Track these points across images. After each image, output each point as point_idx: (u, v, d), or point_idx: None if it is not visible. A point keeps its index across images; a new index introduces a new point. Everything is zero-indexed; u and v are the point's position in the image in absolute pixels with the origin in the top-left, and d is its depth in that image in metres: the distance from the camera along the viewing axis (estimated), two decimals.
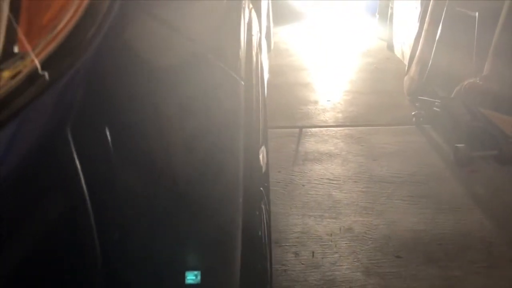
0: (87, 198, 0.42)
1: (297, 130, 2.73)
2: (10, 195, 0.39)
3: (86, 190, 0.41)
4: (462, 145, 2.18)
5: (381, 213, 1.85)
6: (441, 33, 2.91)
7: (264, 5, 2.90)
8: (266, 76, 2.38)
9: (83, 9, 0.40)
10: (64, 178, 0.42)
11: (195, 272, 0.55)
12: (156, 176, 0.51)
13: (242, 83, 0.76)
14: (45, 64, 0.40)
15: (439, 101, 2.57)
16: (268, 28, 4.05)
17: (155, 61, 0.50)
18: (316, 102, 3.22)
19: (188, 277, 0.55)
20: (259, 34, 1.21)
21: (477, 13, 2.69)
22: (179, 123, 0.54)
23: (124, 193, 0.47)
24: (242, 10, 0.93)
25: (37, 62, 0.39)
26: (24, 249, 0.41)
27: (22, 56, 0.38)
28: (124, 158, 0.47)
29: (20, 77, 0.38)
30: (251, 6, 1.20)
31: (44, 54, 0.39)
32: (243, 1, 0.98)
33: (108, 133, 0.44)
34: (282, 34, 5.58)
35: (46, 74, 0.39)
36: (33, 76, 0.39)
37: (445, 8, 2.87)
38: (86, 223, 0.43)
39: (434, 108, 2.58)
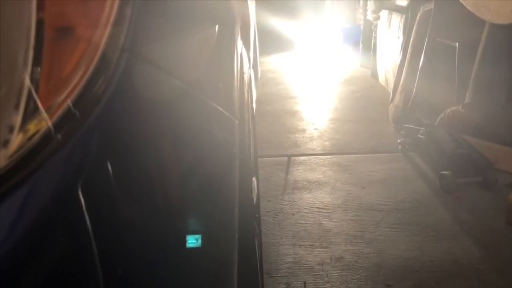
0: (96, 254, 0.43)
1: (285, 158, 2.76)
2: (23, 255, 0.39)
3: (95, 246, 0.43)
4: (447, 172, 2.23)
5: (371, 241, 1.87)
6: (423, 62, 3.00)
7: (251, 36, 2.97)
8: (254, 105, 2.42)
9: (95, 64, 0.42)
10: (75, 239, 0.43)
11: None
12: (163, 222, 0.53)
13: (236, 121, 0.78)
14: (58, 124, 0.41)
15: (423, 128, 2.63)
16: (255, 58, 4.13)
17: (158, 111, 0.52)
18: (303, 130, 3.27)
19: None
20: (249, 69, 1.25)
21: (457, 44, 2.79)
22: (180, 170, 0.56)
23: (133, 245, 0.49)
24: (235, 47, 0.96)
25: (49, 123, 0.40)
26: None
27: (39, 115, 0.40)
28: (133, 210, 0.48)
29: (36, 138, 0.40)
30: (241, 41, 1.23)
31: (59, 113, 0.41)
32: (236, 36, 1.01)
33: (117, 186, 0.45)
34: (269, 64, 5.67)
35: (60, 136, 0.41)
36: (47, 137, 0.41)
37: (426, 39, 2.97)
38: (96, 284, 0.44)
39: (419, 136, 2.64)
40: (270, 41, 6.12)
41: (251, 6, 2.95)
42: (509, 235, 1.87)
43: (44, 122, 0.41)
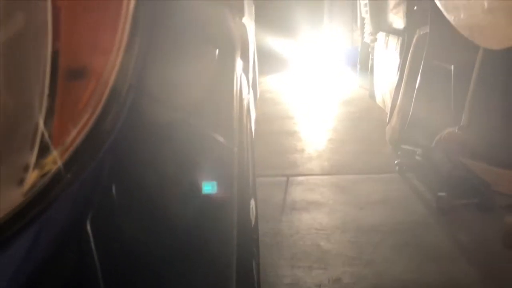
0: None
1: (284, 178, 2.78)
2: None
3: (102, 279, 0.44)
4: (444, 193, 2.25)
5: (369, 262, 1.88)
6: (419, 84, 3.04)
7: (250, 56, 3.01)
8: (253, 126, 2.44)
9: (104, 101, 0.45)
10: (82, 272, 0.44)
11: None
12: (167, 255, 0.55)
13: (236, 149, 0.81)
14: (69, 161, 0.44)
15: (420, 150, 2.66)
16: (254, 78, 4.18)
17: (161, 143, 0.55)
18: (302, 151, 3.29)
19: None
20: (248, 93, 1.27)
21: (452, 66, 2.84)
22: (182, 200, 0.58)
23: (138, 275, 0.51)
24: (235, 73, 0.97)
25: (59, 162, 0.42)
26: None
27: (51, 153, 0.42)
28: (138, 239, 0.50)
29: (48, 175, 0.42)
30: (240, 65, 1.24)
31: (70, 151, 0.44)
32: (236, 62, 1.02)
33: (124, 223, 0.48)
34: (268, 84, 5.73)
35: (69, 174, 0.43)
36: (59, 175, 0.43)
37: (422, 61, 3.01)
38: None
39: (416, 157, 2.66)
40: (269, 61, 6.19)
41: (250, 27, 3.00)
42: (506, 257, 1.88)
43: (56, 160, 0.43)
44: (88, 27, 0.46)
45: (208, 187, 0.60)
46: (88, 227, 0.43)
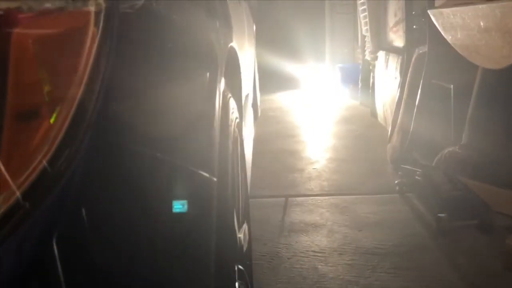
0: None
1: (283, 199, 2.76)
2: None
3: None
4: (444, 215, 2.21)
5: (366, 287, 1.84)
6: (419, 103, 3.03)
7: (250, 76, 3.01)
8: (250, 145, 2.43)
9: (57, 144, 0.44)
10: None
11: None
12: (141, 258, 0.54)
13: (214, 179, 0.79)
14: (26, 194, 0.43)
15: (420, 169, 2.63)
16: (255, 98, 4.19)
17: (127, 178, 0.54)
18: (302, 170, 3.27)
19: None
20: (237, 118, 1.25)
21: (452, 86, 2.83)
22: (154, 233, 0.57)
23: None
24: (217, 94, 0.91)
25: (18, 193, 0.42)
26: None
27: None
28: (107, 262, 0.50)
29: (1, 210, 0.41)
30: (227, 90, 1.20)
31: (25, 185, 0.43)
32: (218, 82, 0.94)
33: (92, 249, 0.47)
34: (269, 102, 5.75)
35: (27, 204, 0.43)
36: (15, 207, 0.42)
37: (421, 80, 3.01)
38: None
39: (416, 177, 2.63)
40: (271, 81, 6.22)
41: (250, 47, 3.01)
42: (506, 280, 1.84)
43: (10, 195, 0.43)
44: (46, 63, 0.45)
45: (179, 206, 0.59)
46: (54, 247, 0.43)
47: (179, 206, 0.62)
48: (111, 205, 0.54)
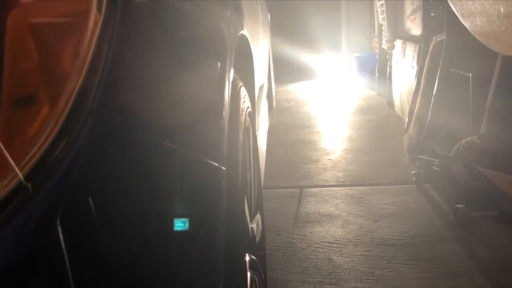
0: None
1: (297, 190, 2.74)
2: None
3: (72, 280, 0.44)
4: (462, 205, 2.17)
5: (382, 278, 1.82)
6: (436, 92, 2.97)
7: (264, 66, 2.98)
8: (265, 136, 2.41)
9: (56, 132, 0.43)
10: (52, 273, 0.44)
11: None
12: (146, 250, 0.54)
13: (223, 168, 0.78)
14: (28, 176, 0.43)
15: (437, 160, 2.59)
16: (269, 89, 4.17)
17: (132, 167, 0.53)
18: (317, 161, 3.25)
19: None
20: (249, 107, 1.24)
21: (470, 74, 2.76)
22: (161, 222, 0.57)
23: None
24: (225, 84, 0.90)
25: (21, 175, 0.42)
26: None
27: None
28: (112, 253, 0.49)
29: (5, 191, 0.41)
30: (237, 79, 1.18)
31: (27, 167, 0.43)
32: (228, 71, 0.92)
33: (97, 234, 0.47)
34: (284, 93, 5.71)
35: (29, 186, 0.42)
36: (17, 188, 0.42)
37: (439, 69, 2.95)
38: None
39: (434, 167, 2.59)
40: (285, 71, 6.18)
41: (265, 38, 2.98)
42: None
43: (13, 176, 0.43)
44: (43, 50, 0.44)
45: (180, 224, 0.58)
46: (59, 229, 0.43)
47: (180, 224, 0.61)
48: (117, 194, 0.53)
